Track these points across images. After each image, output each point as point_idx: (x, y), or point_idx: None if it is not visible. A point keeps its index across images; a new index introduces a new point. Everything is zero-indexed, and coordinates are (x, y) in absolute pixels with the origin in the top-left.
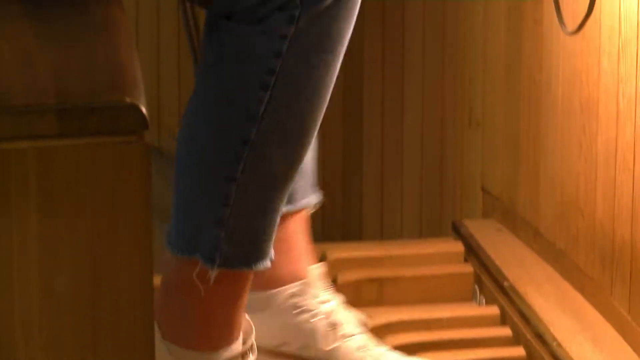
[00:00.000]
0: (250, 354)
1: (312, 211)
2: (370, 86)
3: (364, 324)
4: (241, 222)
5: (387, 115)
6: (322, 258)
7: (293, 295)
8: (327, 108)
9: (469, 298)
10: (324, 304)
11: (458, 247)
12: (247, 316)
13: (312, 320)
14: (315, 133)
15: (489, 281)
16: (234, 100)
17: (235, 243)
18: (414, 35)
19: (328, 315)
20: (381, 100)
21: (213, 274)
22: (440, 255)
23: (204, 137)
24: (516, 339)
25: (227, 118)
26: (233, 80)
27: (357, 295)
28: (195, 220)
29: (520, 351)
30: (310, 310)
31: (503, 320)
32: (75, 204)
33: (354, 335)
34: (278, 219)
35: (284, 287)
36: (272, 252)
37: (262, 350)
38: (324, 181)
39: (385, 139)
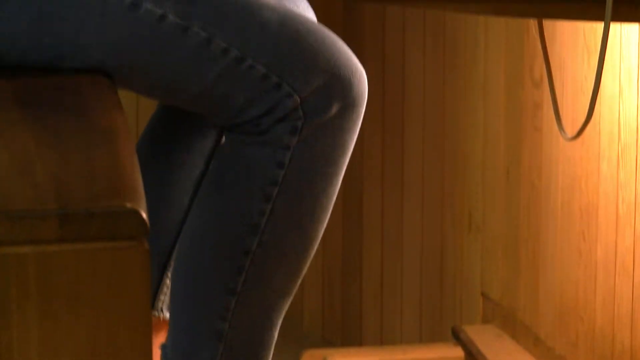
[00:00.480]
0: None
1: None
2: (370, 193)
3: None
4: (240, 336)
5: (387, 221)
6: None
7: None
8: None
9: None
10: None
11: (458, 352)
12: None
13: None
14: (317, 245)
15: None
16: (236, 211)
17: (233, 358)
18: (414, 141)
19: None
20: (381, 206)
21: None
22: None
23: (205, 247)
24: None
25: (229, 229)
26: (235, 191)
27: None
28: (193, 334)
29: None
30: None
31: None
32: (76, 308)
33: None
34: (276, 334)
35: None
36: None
37: None
38: (323, 286)
39: (384, 244)
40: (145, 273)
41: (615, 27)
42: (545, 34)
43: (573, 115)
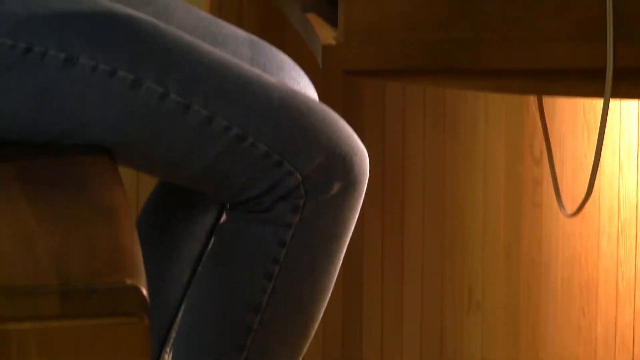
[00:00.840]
0: None
1: None
2: (369, 270)
3: None
4: None
5: (387, 298)
6: None
7: None
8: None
9: None
10: None
11: None
12: None
13: None
14: (318, 322)
15: None
16: (238, 289)
17: None
18: (413, 218)
19: None
20: (381, 283)
21: None
22: None
23: (206, 324)
24: None
25: (230, 306)
26: (237, 269)
27: None
28: None
29: None
30: None
31: None
32: None
33: None
34: None
35: None
36: None
37: None
38: None
39: (384, 322)
40: (145, 349)
41: (615, 104)
42: (545, 110)
43: (573, 191)
